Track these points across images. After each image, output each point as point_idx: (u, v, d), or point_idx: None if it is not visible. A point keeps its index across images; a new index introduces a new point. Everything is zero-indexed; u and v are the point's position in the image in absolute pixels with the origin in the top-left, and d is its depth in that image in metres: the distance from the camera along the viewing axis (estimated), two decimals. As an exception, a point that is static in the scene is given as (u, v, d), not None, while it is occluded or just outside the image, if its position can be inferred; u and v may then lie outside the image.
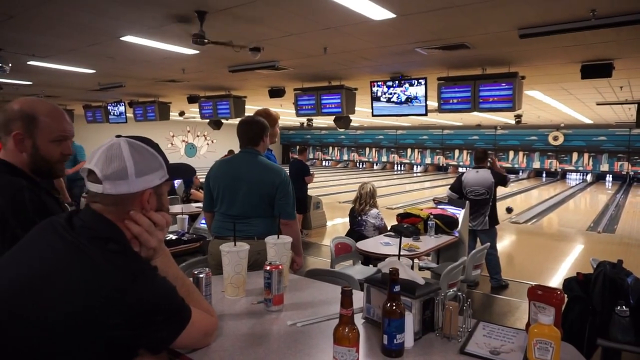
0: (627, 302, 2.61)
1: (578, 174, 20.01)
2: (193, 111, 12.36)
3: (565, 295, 2.87)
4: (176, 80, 7.37)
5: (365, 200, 4.66)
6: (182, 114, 12.89)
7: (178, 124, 21.03)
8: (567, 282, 2.86)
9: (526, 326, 1.59)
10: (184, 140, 22.34)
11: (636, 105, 8.57)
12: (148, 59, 5.55)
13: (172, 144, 21.78)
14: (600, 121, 16.13)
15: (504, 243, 7.92)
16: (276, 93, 7.58)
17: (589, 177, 19.58)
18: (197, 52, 4.97)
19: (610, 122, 16.23)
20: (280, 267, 1.75)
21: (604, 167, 19.14)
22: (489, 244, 4.21)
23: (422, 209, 4.60)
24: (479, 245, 4.85)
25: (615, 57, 4.79)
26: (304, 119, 15.10)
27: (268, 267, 1.74)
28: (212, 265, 2.50)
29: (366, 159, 25.88)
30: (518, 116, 12.71)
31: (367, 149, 25.71)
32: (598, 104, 9.61)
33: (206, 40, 3.91)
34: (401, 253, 3.80)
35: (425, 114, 6.02)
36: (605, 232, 8.68)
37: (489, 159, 5.28)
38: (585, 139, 19.35)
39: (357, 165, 26.29)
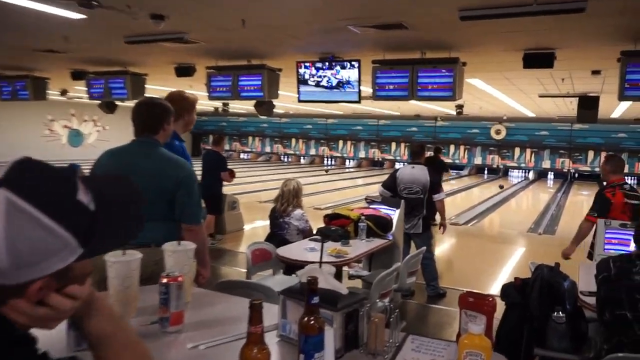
0: (563, 307, 2.85)
1: (520, 170, 21.63)
2: (79, 90, 11.63)
3: (504, 303, 3.08)
4: (56, 51, 6.87)
5: (287, 199, 4.66)
6: (64, 93, 12.09)
7: (59, 105, 19.60)
8: (505, 288, 3.07)
9: (457, 337, 1.67)
10: (66, 126, 20.93)
11: (577, 98, 9.46)
12: (19, 22, 5.12)
13: (50, 130, 20.34)
14: (543, 115, 17.53)
15: (443, 247, 8.35)
16: (185, 71, 7.36)
17: (530, 175, 21.22)
18: (84, 16, 4.65)
19: (553, 116, 17.70)
20: (179, 279, 1.70)
21: (546, 163, 20.84)
22: (424, 248, 4.40)
23: (352, 209, 4.69)
24: (413, 250, 5.05)
25: (557, 47, 5.22)
26: (218, 103, 14.80)
27: (165, 280, 1.68)
28: (95, 281, 2.37)
29: (292, 152, 25.99)
30: (459, 106, 13.45)
31: (293, 140, 25.82)
32: (540, 96, 10.42)
33: (95, 3, 3.68)
34: (328, 260, 3.89)
35: (359, 101, 6.16)
36: (545, 234, 9.46)
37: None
38: (527, 134, 20.92)
39: (282, 158, 26.37)
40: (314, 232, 4.63)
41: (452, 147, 22.38)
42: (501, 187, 10.35)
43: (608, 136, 19.48)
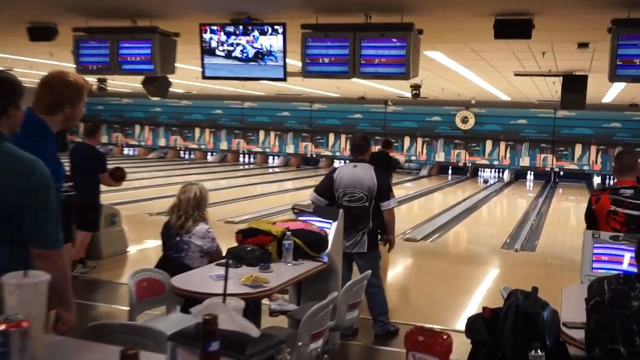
0: (542, 344, 2.98)
1: (493, 170, 22.58)
2: None
3: (470, 341, 3.18)
4: None
5: (187, 210, 4.61)
6: None
7: None
8: (472, 322, 3.17)
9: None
10: None
11: (561, 78, 10.01)
12: None
13: None
14: (521, 99, 18.39)
15: (395, 270, 8.54)
16: (41, 34, 7.08)
17: (505, 175, 22.22)
18: None
19: (532, 100, 18.60)
20: (24, 324, 1.64)
21: (524, 161, 21.89)
22: (369, 272, 4.48)
23: (275, 223, 4.69)
24: (356, 276, 5.12)
25: (536, 12, 5.49)
26: (91, 79, 14.35)
27: (3, 327, 1.62)
28: None
29: (195, 146, 25.76)
30: (416, 87, 13.83)
31: (197, 130, 25.60)
32: (516, 75, 10.93)
33: None
34: (242, 290, 3.86)
35: (284, 79, 6.17)
36: (524, 250, 9.91)
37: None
38: (501, 123, 21.89)
39: (181, 154, 26.19)
40: (224, 253, 4.59)
41: (406, 140, 22.98)
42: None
43: (599, 126, 20.74)
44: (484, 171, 22.87)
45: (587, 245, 4.30)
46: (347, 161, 5.82)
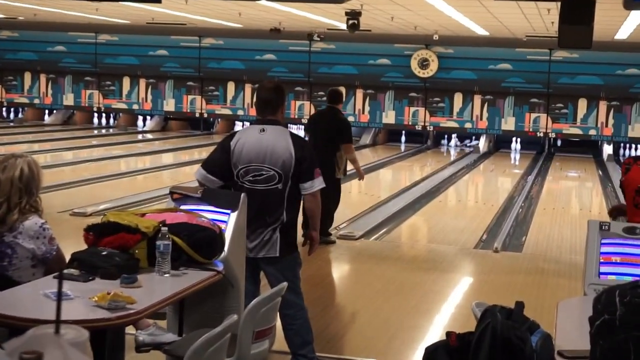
0: (530, 381, 3.06)
1: (464, 135, 22.96)
2: None
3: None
4: None
5: (9, 197, 4.49)
6: None
7: None
8: (430, 354, 3.23)
9: None
10: None
11: (559, 4, 10.24)
12: None
13: None
14: (502, 34, 18.74)
15: (325, 281, 8.58)
16: None
17: (482, 143, 22.65)
18: None
19: (519, 36, 18.99)
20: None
21: (508, 122, 22.37)
22: (284, 285, 4.46)
23: (144, 214, 4.64)
24: (266, 291, 5.09)
25: None
26: None
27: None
28: None
29: (25, 100, 25.51)
30: (353, 15, 13.85)
31: (27, 76, 25.30)
32: (496, -1, 11.12)
33: None
34: (94, 315, 3.76)
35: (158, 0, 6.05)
36: (506, 251, 10.16)
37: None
38: (475, 67, 22.26)
39: (3, 114, 25.98)
40: (67, 260, 4.48)
41: (342, 91, 23.06)
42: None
43: (610, 73, 21.39)
44: (450, 138, 23.30)
45: (592, 241, 4.44)
46: (250, 124, 5.82)
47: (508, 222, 12.13)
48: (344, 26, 14.94)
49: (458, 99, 22.57)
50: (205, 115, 24.24)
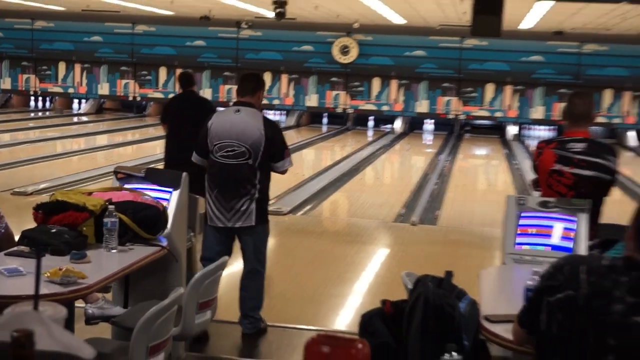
0: (459, 344, 3.12)
1: (381, 117, 23.13)
2: None
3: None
4: None
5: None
6: None
7: None
8: (368, 321, 3.27)
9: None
10: None
11: (472, -5, 10.35)
12: None
13: None
14: (419, 22, 18.90)
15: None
16: None
17: (397, 124, 22.88)
18: None
19: (433, 25, 19.17)
20: None
21: (422, 105, 22.63)
22: (226, 258, 4.45)
23: (91, 193, 4.58)
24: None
25: None
26: None
27: None
28: None
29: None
30: (280, 3, 13.79)
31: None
32: (414, -10, 11.20)
33: None
34: (48, 290, 3.69)
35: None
36: (423, 224, 10.30)
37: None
38: (393, 54, 22.41)
39: None
40: (17, 238, 4.40)
41: (267, 77, 22.98)
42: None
43: (516, 60, 21.83)
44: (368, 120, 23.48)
45: (510, 215, 4.52)
46: (230, 106, 5.87)
47: (423, 197, 12.28)
48: (271, 14, 14.88)
49: (376, 83, 22.69)
50: (139, 98, 23.91)
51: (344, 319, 6.42)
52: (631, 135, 21.68)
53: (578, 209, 4.48)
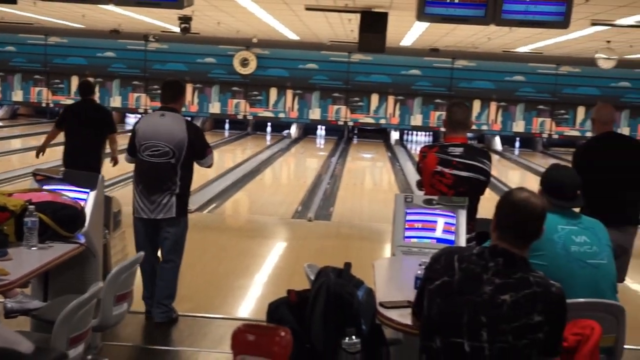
0: (358, 328, 3.14)
1: (278, 123, 23.19)
2: None
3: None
4: None
5: None
6: None
7: None
8: (275, 309, 3.25)
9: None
10: None
11: (359, 15, 10.48)
12: None
13: None
14: (311, 38, 18.95)
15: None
16: None
17: (293, 130, 23.01)
18: None
19: (324, 40, 19.27)
20: None
21: (315, 113, 22.80)
22: (141, 254, 4.37)
23: (11, 194, 4.45)
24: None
25: None
26: None
27: None
28: None
29: None
30: (185, 19, 13.63)
31: None
32: (308, 9, 11.23)
33: None
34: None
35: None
36: (319, 219, 10.37)
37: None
38: (288, 67, 22.51)
39: None
40: None
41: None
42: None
43: (397, 73, 22.25)
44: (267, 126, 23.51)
45: (399, 211, 4.58)
46: (154, 110, 6.03)
47: (318, 196, 12.38)
48: (176, 29, 14.66)
49: (273, 93, 22.73)
50: (52, 105, 23.22)
51: (249, 307, 6.42)
52: (496, 140, 22.57)
53: (457, 206, 4.60)
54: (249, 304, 6.51)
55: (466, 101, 20.71)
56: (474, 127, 21.40)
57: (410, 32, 15.09)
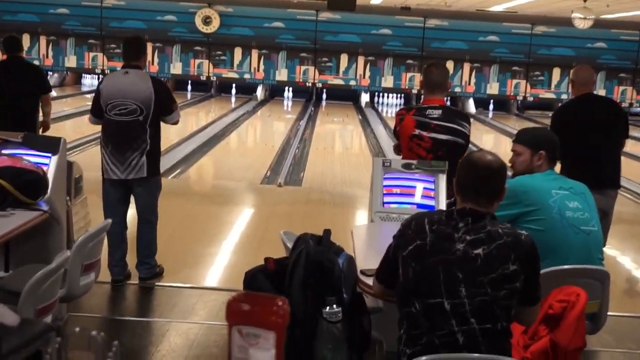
0: (339, 297, 3.15)
1: (242, 84, 23.11)
2: None
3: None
4: None
5: None
6: None
7: None
8: (252, 277, 3.24)
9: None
10: None
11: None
12: None
13: None
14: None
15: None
16: None
17: (259, 92, 22.91)
18: None
19: (290, -1, 19.16)
20: None
21: (282, 74, 22.68)
22: (108, 222, 4.31)
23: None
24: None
25: None
26: None
27: None
28: None
29: None
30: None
31: None
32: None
33: None
34: None
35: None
36: (289, 185, 10.36)
37: None
38: (253, 25, 22.31)
39: None
40: None
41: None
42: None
43: (367, 32, 22.17)
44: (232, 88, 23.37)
45: (377, 176, 4.59)
46: (118, 70, 6.02)
47: (288, 160, 12.37)
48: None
49: (238, 53, 22.51)
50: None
51: (219, 276, 6.41)
52: (470, 102, 22.68)
53: (437, 170, 4.62)
54: (219, 272, 6.49)
55: (439, 62, 20.96)
56: (446, 89, 21.63)
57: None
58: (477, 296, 2.80)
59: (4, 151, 4.73)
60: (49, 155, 4.77)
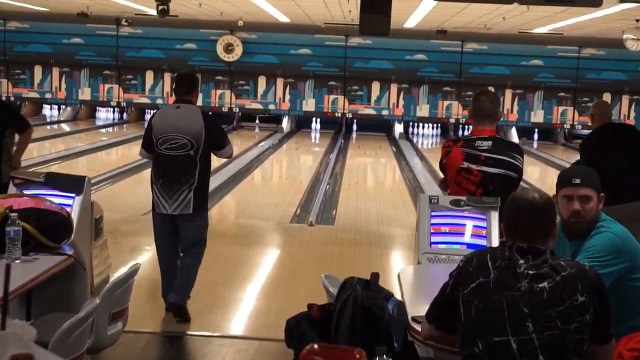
0: (389, 345, 3.15)
1: (265, 115, 23.26)
2: None
3: (292, 350, 3.25)
4: None
5: None
6: None
7: None
8: (294, 326, 3.25)
9: None
10: None
11: (362, -6, 10.44)
12: None
13: None
14: (304, 20, 18.94)
15: (146, 257, 8.38)
16: None
17: (285, 123, 22.98)
18: None
19: (318, 23, 19.26)
20: None
21: (309, 104, 22.75)
22: (137, 266, 4.33)
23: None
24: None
25: None
26: None
27: None
28: None
29: None
30: (162, 0, 13.58)
31: None
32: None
33: None
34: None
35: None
36: (320, 224, 10.36)
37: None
38: (277, 52, 22.46)
39: None
40: None
41: (149, 75, 22.67)
42: None
43: (400, 58, 22.23)
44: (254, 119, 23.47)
45: (423, 215, 4.59)
46: (168, 105, 6.56)
47: (318, 197, 12.37)
48: (152, 11, 14.63)
49: (262, 82, 22.67)
50: (12, 98, 23.05)
51: (249, 323, 6.31)
52: (512, 131, 22.51)
53: (489, 207, 4.61)
54: (250, 318, 6.41)
55: (477, 89, 20.90)
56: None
57: (415, 12, 15.08)
58: (546, 330, 2.81)
59: (26, 192, 4.79)
60: (73, 195, 4.85)
